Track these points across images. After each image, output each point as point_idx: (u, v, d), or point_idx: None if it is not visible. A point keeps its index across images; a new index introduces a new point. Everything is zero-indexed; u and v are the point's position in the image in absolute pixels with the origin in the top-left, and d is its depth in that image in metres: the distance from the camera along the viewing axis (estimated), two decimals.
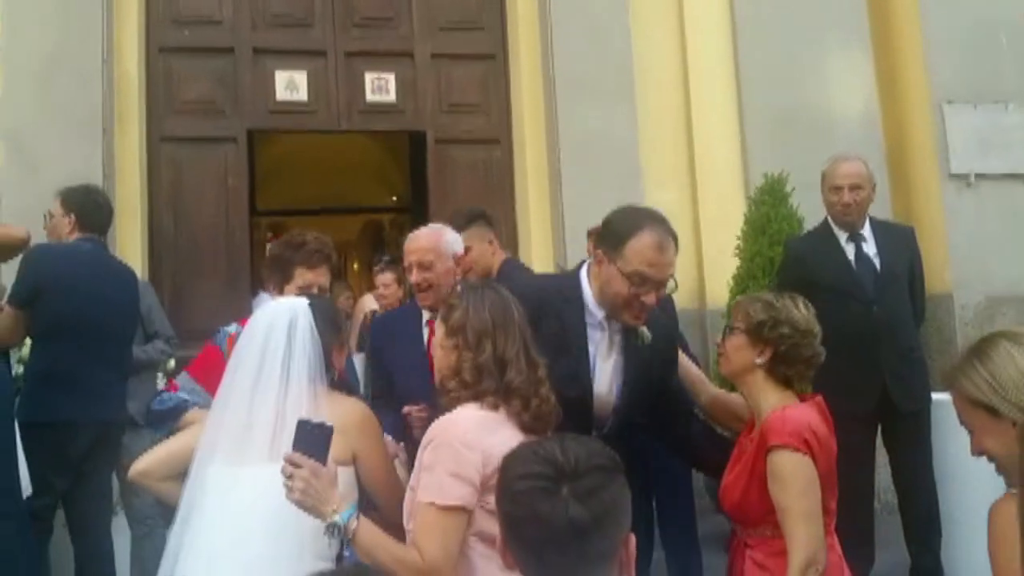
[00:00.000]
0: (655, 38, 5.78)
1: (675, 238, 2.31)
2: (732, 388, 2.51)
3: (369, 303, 6.01)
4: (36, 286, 3.45)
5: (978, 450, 1.69)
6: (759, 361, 2.21)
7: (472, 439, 1.86)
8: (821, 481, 2.08)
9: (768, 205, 4.61)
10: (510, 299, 2.07)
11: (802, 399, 2.23)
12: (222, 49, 5.73)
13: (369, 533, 1.83)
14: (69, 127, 5.07)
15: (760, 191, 4.75)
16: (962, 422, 1.74)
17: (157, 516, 4.13)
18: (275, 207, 9.94)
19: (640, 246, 2.24)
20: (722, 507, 2.28)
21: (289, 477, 1.81)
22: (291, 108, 5.79)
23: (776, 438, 2.06)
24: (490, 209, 5.87)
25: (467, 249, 3.28)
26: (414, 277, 3.07)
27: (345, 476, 2.04)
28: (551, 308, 2.34)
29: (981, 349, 1.67)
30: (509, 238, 5.84)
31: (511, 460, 1.33)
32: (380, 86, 5.87)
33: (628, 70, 5.65)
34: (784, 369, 2.21)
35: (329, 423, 1.87)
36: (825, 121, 5.67)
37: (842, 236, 3.94)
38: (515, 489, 1.27)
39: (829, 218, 3.97)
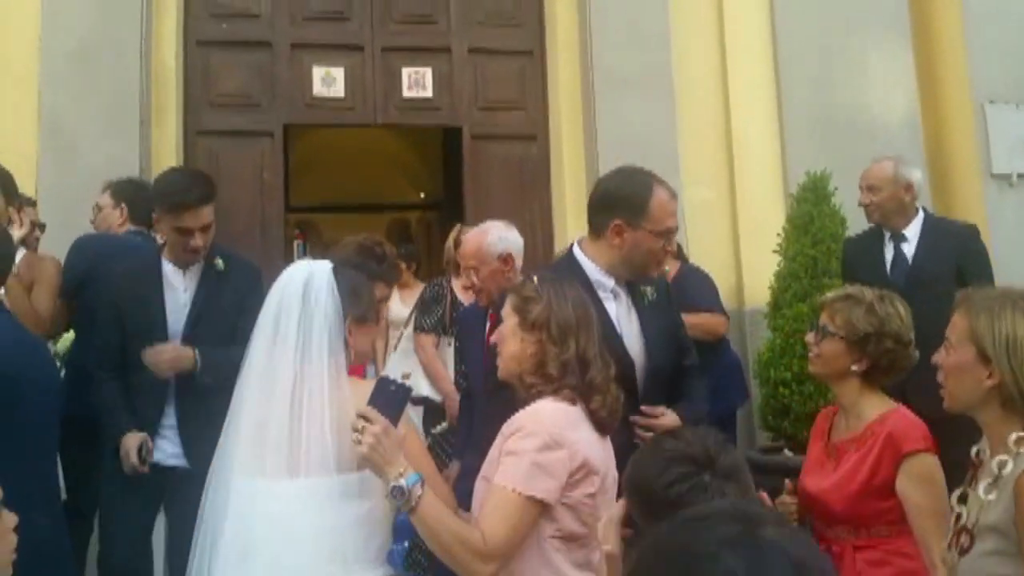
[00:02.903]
0: (694, 34, 5.75)
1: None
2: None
3: None
4: (81, 276, 3.43)
5: (944, 370, 1.81)
6: (855, 369, 2.19)
7: (559, 434, 1.85)
8: None
9: (811, 203, 4.57)
10: (587, 296, 2.09)
11: None
12: (260, 43, 5.73)
13: (433, 504, 1.79)
14: (107, 118, 5.09)
15: (802, 189, 4.70)
16: (946, 336, 1.83)
17: None
18: (303, 203, 9.96)
19: (662, 202, 2.44)
20: (810, 512, 2.25)
21: (360, 431, 1.79)
22: (328, 103, 5.79)
23: (913, 444, 2.08)
24: (526, 206, 5.92)
25: None
26: (464, 281, 3.41)
27: (373, 479, 1.88)
28: None
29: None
30: (545, 235, 5.83)
31: (645, 473, 1.33)
32: (417, 81, 5.86)
33: (667, 66, 5.62)
34: (880, 377, 2.22)
35: (409, 384, 1.87)
36: (865, 120, 5.62)
37: (887, 235, 3.92)
38: (668, 498, 1.28)
39: None
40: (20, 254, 3.35)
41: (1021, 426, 1.69)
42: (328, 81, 5.78)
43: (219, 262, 3.13)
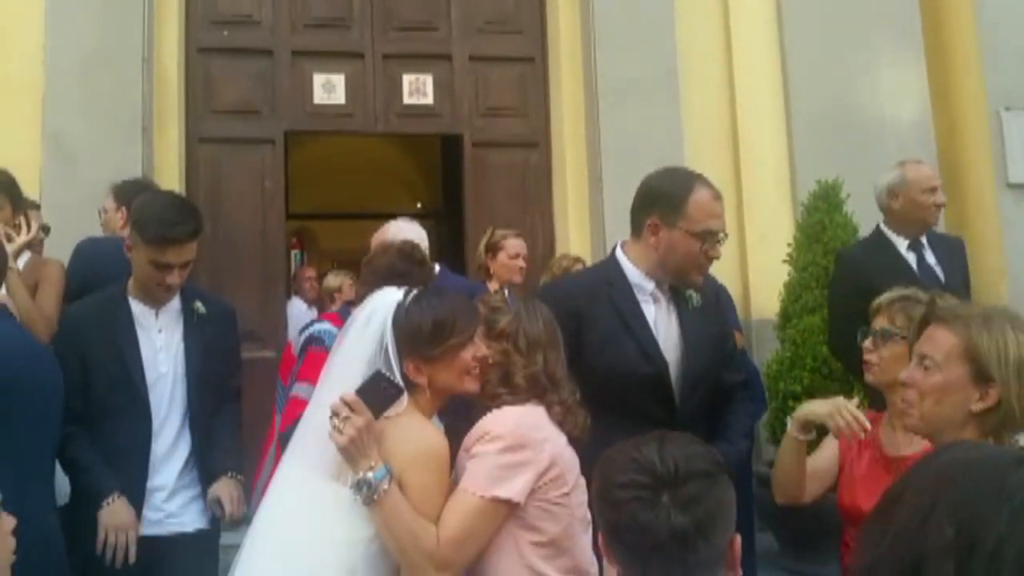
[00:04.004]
0: (700, 39, 5.68)
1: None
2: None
3: None
4: (81, 281, 3.36)
5: (921, 389, 1.66)
6: None
7: (525, 435, 1.83)
8: None
9: (822, 212, 4.48)
10: (555, 320, 2.06)
11: None
12: (260, 50, 5.68)
13: (395, 500, 1.76)
14: (110, 126, 5.05)
15: (813, 197, 4.61)
16: (922, 353, 1.69)
17: None
18: (301, 211, 9.93)
19: (701, 201, 2.30)
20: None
21: (343, 419, 1.76)
22: (328, 110, 5.73)
23: None
24: (528, 214, 5.84)
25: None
26: None
27: None
28: (601, 296, 2.37)
29: (1019, 319, 1.64)
30: (546, 244, 5.75)
31: (609, 466, 1.28)
32: (417, 88, 5.80)
33: (673, 73, 5.54)
34: None
35: (402, 386, 1.83)
36: (875, 127, 5.53)
37: (901, 244, 3.79)
38: (615, 497, 1.23)
39: (886, 225, 3.83)
40: (26, 257, 3.30)
41: None
42: (329, 88, 5.72)
43: (199, 306, 2.79)
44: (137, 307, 2.71)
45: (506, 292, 4.00)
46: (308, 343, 2.80)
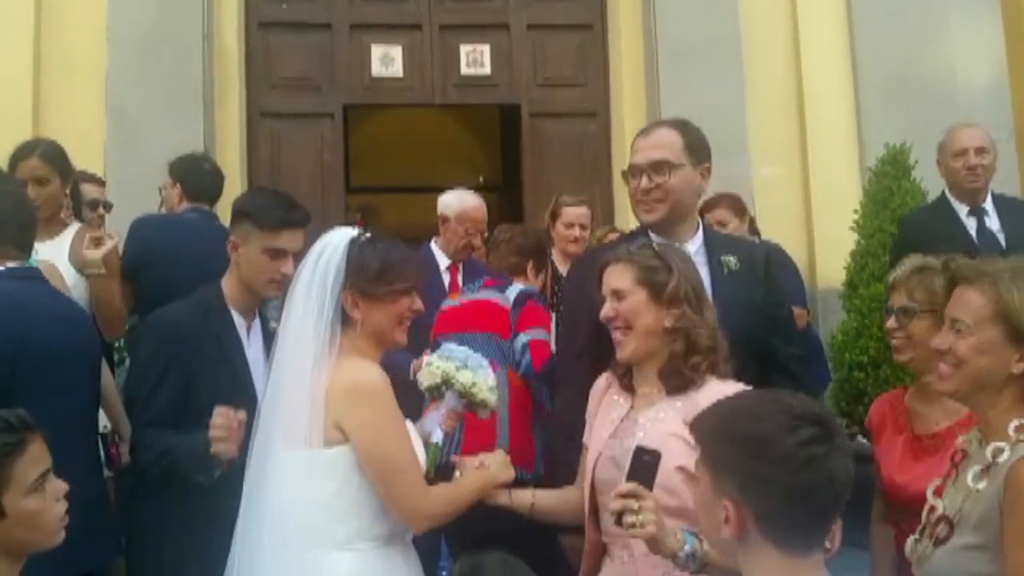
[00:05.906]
0: (764, 1, 5.50)
1: (672, 124, 2.40)
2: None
3: None
4: (135, 259, 3.40)
5: (959, 356, 1.61)
6: None
7: None
8: None
9: (890, 178, 4.35)
10: None
11: None
12: (319, 24, 5.72)
13: (713, 553, 1.58)
14: (171, 102, 5.15)
15: (881, 162, 4.47)
16: (953, 317, 1.65)
17: None
18: (364, 184, 10.01)
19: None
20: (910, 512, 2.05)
21: (636, 512, 1.61)
22: (387, 83, 5.75)
23: None
24: (586, 185, 5.78)
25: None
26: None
27: (339, 459, 1.83)
28: None
29: None
30: (606, 215, 5.68)
31: (771, 430, 1.24)
32: (475, 59, 5.77)
33: (735, 36, 5.40)
34: None
35: (658, 451, 1.68)
36: (947, 89, 5.32)
37: (962, 210, 3.71)
38: (800, 457, 1.21)
39: (947, 191, 3.77)
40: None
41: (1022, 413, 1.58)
42: (387, 60, 5.73)
43: (275, 325, 2.44)
44: (237, 318, 2.47)
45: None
46: (526, 298, 3.17)
